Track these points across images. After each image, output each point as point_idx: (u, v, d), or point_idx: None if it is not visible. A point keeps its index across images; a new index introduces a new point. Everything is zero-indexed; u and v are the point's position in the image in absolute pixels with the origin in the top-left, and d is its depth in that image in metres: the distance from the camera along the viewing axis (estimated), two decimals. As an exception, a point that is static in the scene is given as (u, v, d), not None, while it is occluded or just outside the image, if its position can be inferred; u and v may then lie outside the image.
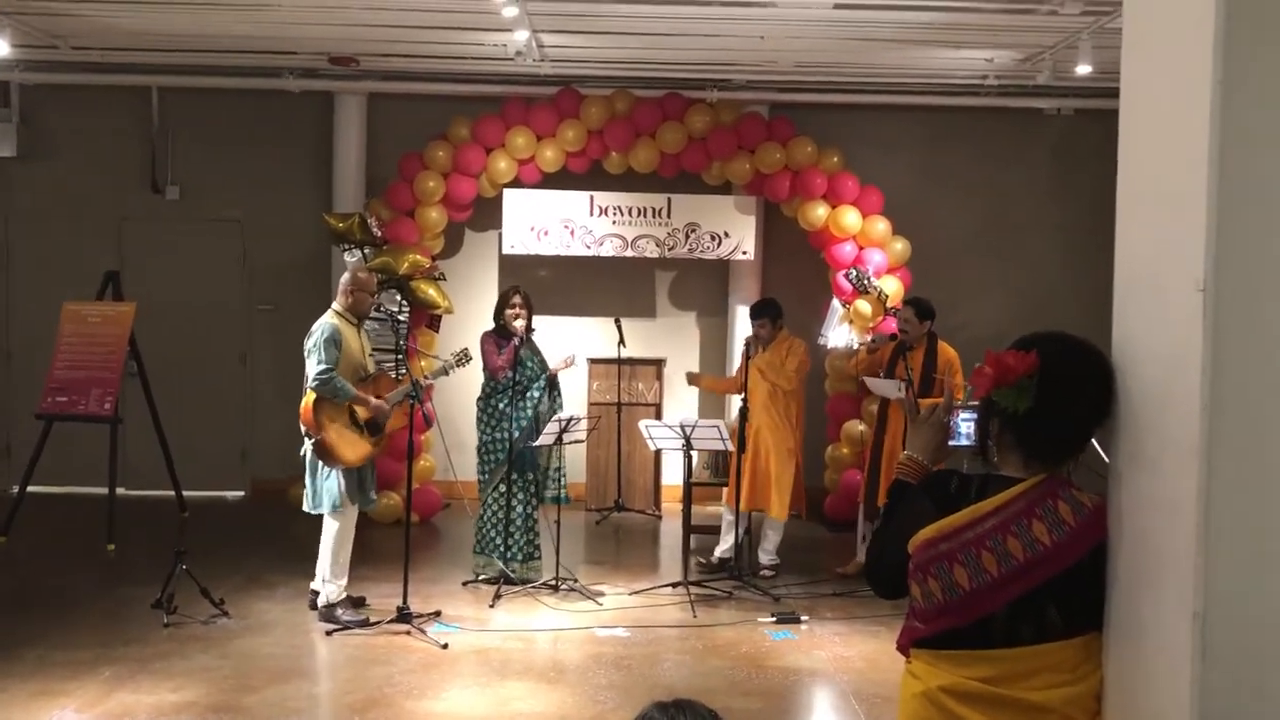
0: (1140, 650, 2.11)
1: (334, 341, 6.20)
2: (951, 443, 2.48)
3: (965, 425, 2.46)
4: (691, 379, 8.09)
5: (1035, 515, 2.26)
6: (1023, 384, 2.27)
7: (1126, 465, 2.19)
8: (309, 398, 6.19)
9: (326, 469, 6.24)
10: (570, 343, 9.35)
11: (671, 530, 9.06)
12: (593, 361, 9.68)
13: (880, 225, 9.18)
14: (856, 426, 9.18)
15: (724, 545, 7.72)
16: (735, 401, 8.77)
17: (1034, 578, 2.24)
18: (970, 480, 2.36)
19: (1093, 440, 2.34)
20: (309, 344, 6.25)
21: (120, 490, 8.50)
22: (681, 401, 10.03)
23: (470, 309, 9.71)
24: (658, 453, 9.52)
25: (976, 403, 2.42)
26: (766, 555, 7.65)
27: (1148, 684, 2.08)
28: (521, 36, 7.98)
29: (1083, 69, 7.83)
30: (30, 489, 8.29)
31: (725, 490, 7.90)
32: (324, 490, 6.25)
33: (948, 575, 2.29)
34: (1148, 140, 2.17)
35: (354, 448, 6.29)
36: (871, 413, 7.90)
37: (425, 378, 6.72)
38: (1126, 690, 2.17)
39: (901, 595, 2.43)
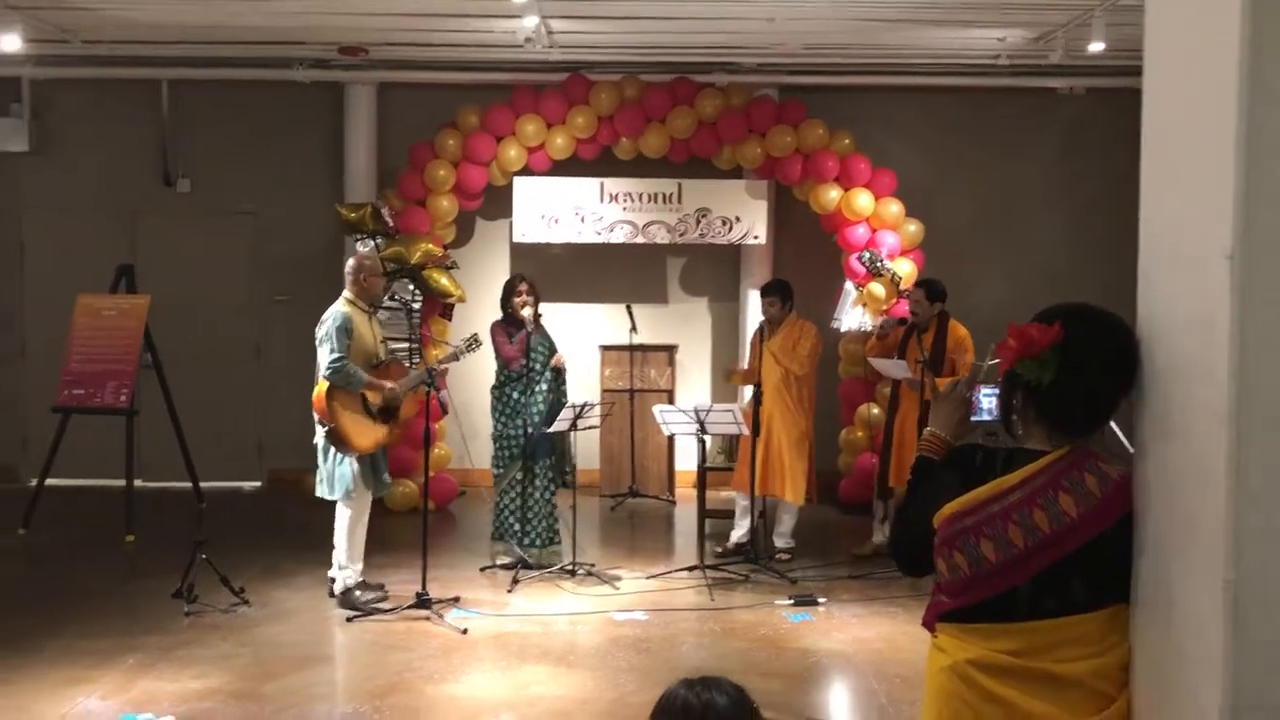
0: (1169, 620, 2.10)
1: (345, 330, 6.21)
2: (974, 418, 2.47)
3: (987, 400, 2.45)
4: (729, 375, 8.12)
5: (1062, 487, 2.24)
6: (1046, 356, 2.25)
7: (1153, 436, 2.17)
8: (321, 386, 6.20)
9: (339, 455, 6.25)
10: (583, 329, 9.39)
11: (685, 515, 9.06)
12: (605, 348, 9.68)
13: (893, 207, 9.15)
14: (870, 410, 9.17)
15: (740, 530, 7.72)
16: (748, 387, 8.78)
17: (1060, 550, 2.23)
18: (995, 454, 2.35)
19: (1110, 422, 2.33)
20: (320, 332, 6.26)
21: (136, 482, 8.53)
22: (694, 387, 10.03)
23: (482, 297, 9.69)
24: (671, 439, 9.54)
25: (996, 378, 2.42)
26: (782, 539, 7.65)
27: (1177, 654, 2.07)
28: (531, 22, 7.97)
29: (1095, 46, 7.78)
30: (47, 482, 8.32)
31: (734, 475, 7.89)
32: (337, 476, 6.27)
33: (974, 549, 2.28)
34: (1173, 105, 2.15)
35: (366, 435, 6.30)
36: (885, 395, 7.89)
37: (438, 364, 6.72)
38: (1155, 661, 2.16)
39: (926, 572, 2.42)
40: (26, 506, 8.21)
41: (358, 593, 6.36)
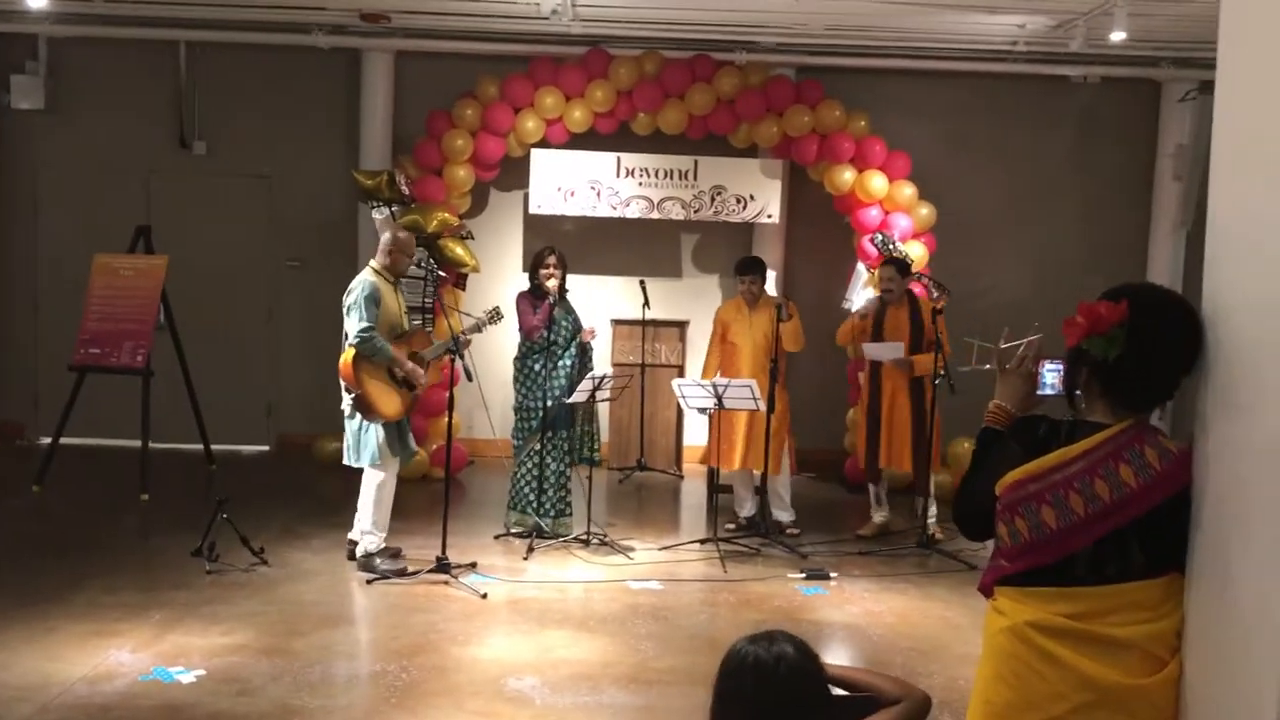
0: (1227, 593, 2.20)
1: (374, 299, 6.28)
2: (1038, 392, 2.58)
3: (1050, 375, 2.56)
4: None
5: (1123, 459, 2.35)
6: (1114, 333, 2.36)
7: (1217, 412, 2.27)
8: (348, 353, 6.27)
9: (366, 423, 6.33)
10: (596, 303, 9.44)
11: (693, 490, 9.18)
12: (617, 322, 9.75)
13: (907, 190, 9.23)
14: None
15: (747, 507, 7.81)
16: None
17: (1119, 518, 2.34)
18: (1059, 425, 2.46)
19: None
20: (349, 300, 6.33)
21: (149, 443, 8.58)
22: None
23: (496, 268, 9.78)
24: (679, 414, 9.63)
25: (1027, 357, 2.55)
26: (786, 513, 7.72)
27: (1235, 624, 2.16)
28: (556, -6, 7.99)
29: (1117, 36, 7.85)
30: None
31: (720, 454, 7.69)
32: (364, 444, 6.35)
33: (1035, 515, 2.39)
34: (1246, 88, 2.23)
35: (393, 401, 6.39)
36: (866, 376, 7.93)
37: (463, 334, 6.79)
38: (1210, 629, 2.26)
39: (989, 537, 2.52)
40: (40, 464, 8.26)
41: (378, 560, 6.45)
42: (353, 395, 6.25)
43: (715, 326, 7.82)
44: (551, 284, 7.14)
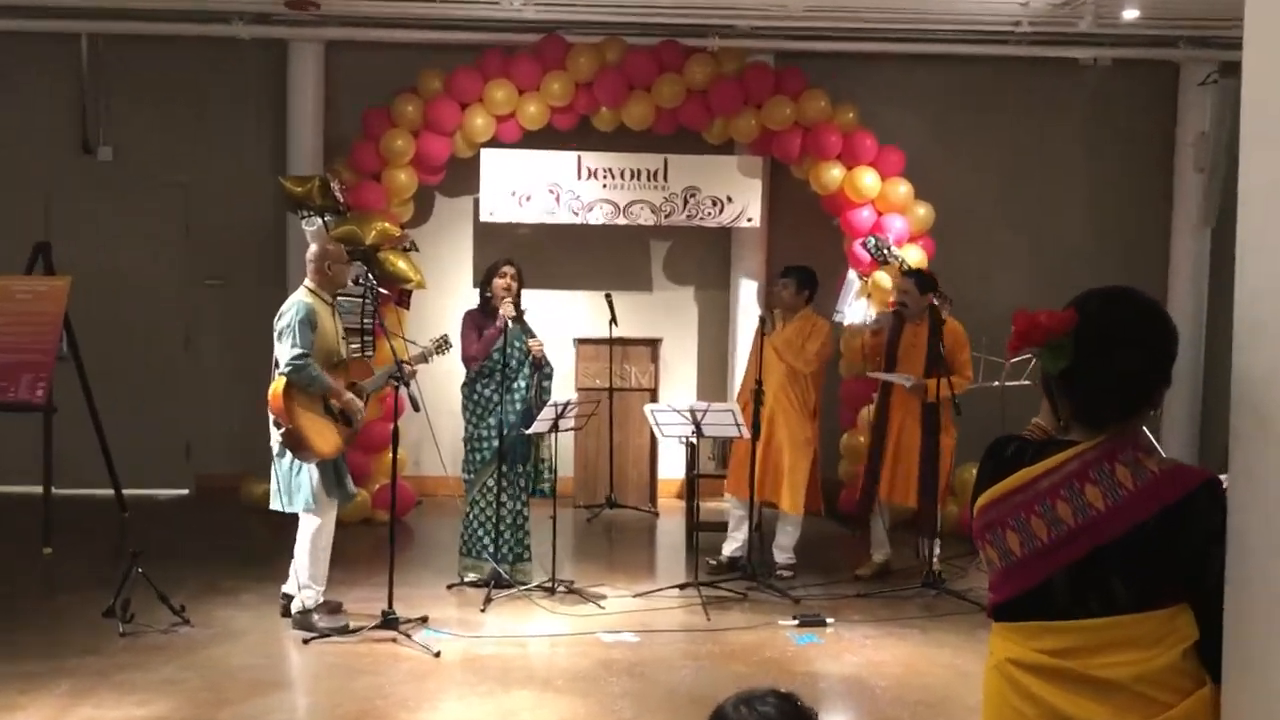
0: (1274, 621, 2.21)
1: (309, 323, 6.24)
2: None
3: None
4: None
5: (1088, 479, 2.37)
6: (1057, 343, 2.39)
7: (1253, 428, 2.28)
8: (279, 383, 6.21)
9: (298, 462, 6.27)
10: (557, 321, 9.45)
11: (670, 528, 9.17)
12: (580, 341, 9.76)
13: (901, 188, 9.30)
14: (872, 413, 9.28)
15: (734, 543, 7.82)
16: (734, 387, 8.88)
17: (1088, 543, 2.36)
18: (1027, 445, 2.50)
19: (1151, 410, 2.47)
20: (280, 324, 6.29)
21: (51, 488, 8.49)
22: (680, 385, 10.14)
23: (443, 284, 9.76)
24: (653, 443, 9.63)
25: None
26: (783, 554, 7.76)
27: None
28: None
29: (1129, 14, 7.98)
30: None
31: (727, 480, 8.00)
32: (296, 486, 6.30)
33: (1002, 541, 2.45)
34: (1278, 65, 2.24)
35: (328, 438, 6.33)
36: (874, 400, 8.00)
37: (407, 362, 6.75)
38: (1254, 664, 2.27)
39: None
40: (-73, 515, 8.15)
41: (316, 616, 6.39)
42: (283, 431, 6.20)
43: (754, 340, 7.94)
44: (505, 310, 7.11)
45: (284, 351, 6.22)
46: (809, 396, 7.71)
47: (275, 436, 6.29)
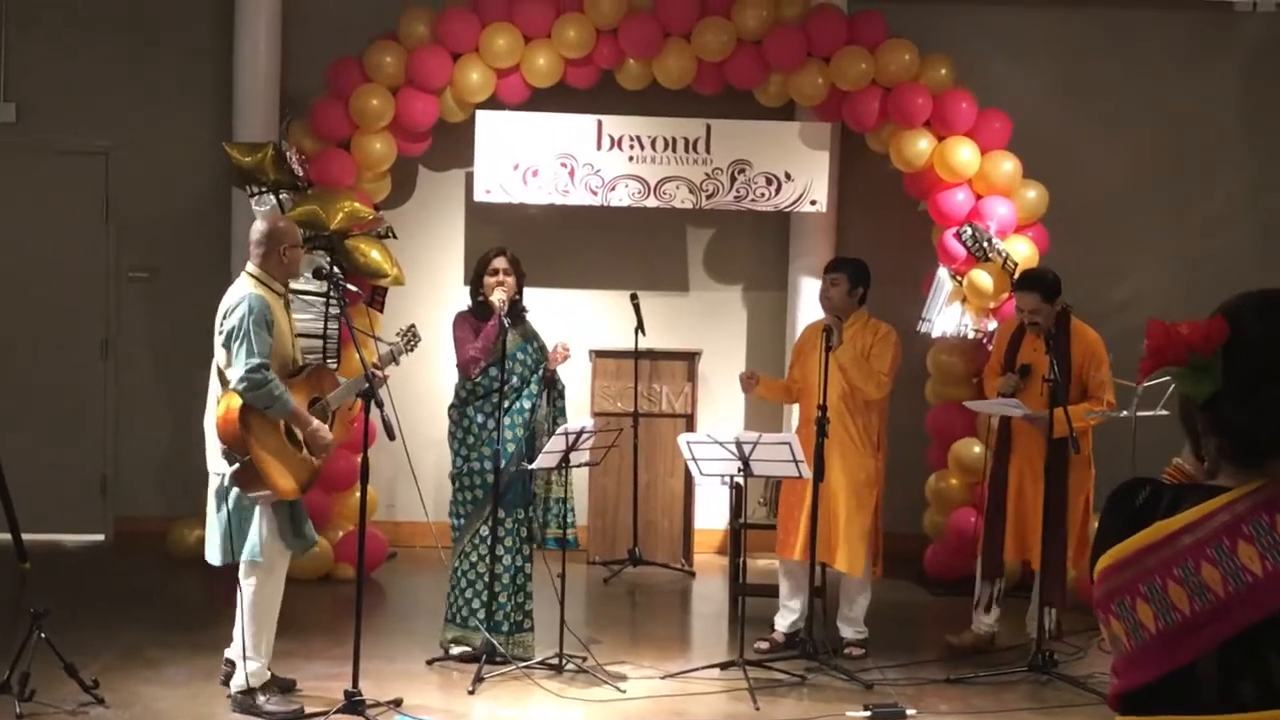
0: None
1: (264, 323, 6.22)
2: None
3: None
4: (747, 383, 8.08)
5: (1242, 535, 2.33)
6: (1199, 362, 2.36)
7: None
8: (231, 402, 6.19)
9: (246, 504, 6.25)
10: (569, 327, 9.45)
11: (709, 592, 9.19)
12: (598, 355, 9.79)
13: (1006, 165, 9.29)
14: (971, 448, 9.28)
15: (790, 614, 7.80)
16: (794, 412, 8.86)
17: (1245, 618, 2.33)
18: (1163, 490, 2.46)
19: None
20: (227, 325, 6.25)
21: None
22: (723, 410, 10.13)
23: (427, 279, 9.82)
24: (689, 484, 9.63)
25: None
26: (853, 627, 7.75)
27: None
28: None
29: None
30: None
31: (778, 536, 7.91)
32: (243, 531, 6.30)
33: (1130, 614, 2.40)
34: None
35: (291, 472, 6.30)
36: (992, 430, 8.00)
37: (375, 367, 6.77)
38: None
39: None
40: None
41: (262, 697, 6.40)
42: (235, 464, 6.16)
43: (793, 356, 7.92)
44: (496, 297, 7.14)
45: (236, 361, 6.18)
46: (872, 425, 7.67)
47: (221, 469, 6.28)
